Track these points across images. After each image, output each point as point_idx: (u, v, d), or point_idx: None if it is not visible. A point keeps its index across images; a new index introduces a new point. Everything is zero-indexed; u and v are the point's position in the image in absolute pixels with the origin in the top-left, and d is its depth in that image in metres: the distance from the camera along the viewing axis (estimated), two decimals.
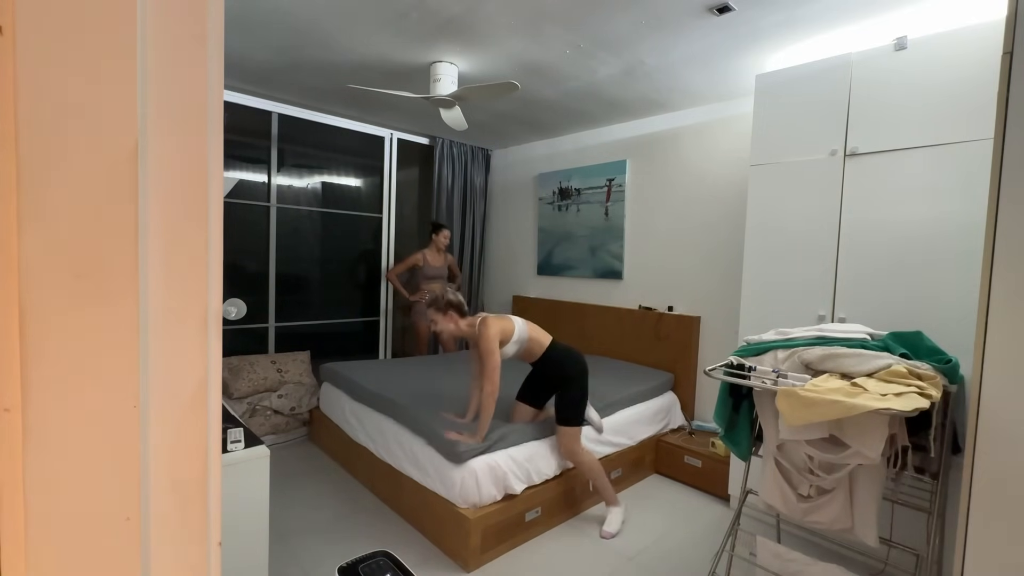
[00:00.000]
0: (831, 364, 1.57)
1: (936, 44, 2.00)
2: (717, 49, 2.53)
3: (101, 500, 0.48)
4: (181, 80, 0.51)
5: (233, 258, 3.78)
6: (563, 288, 4.44)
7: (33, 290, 0.44)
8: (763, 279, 2.49)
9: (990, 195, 1.11)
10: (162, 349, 0.51)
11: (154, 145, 0.49)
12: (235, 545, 1.49)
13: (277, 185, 3.90)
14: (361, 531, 2.41)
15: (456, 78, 2.87)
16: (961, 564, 1.16)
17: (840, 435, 1.47)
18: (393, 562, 1.17)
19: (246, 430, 1.67)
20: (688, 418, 3.41)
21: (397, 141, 4.47)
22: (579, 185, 4.22)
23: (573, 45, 2.55)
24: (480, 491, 2.17)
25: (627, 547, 2.34)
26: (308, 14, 2.35)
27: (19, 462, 0.44)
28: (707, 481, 2.87)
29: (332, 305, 4.48)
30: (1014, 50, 1.07)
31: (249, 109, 3.62)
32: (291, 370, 3.69)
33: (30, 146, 0.44)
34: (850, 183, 2.21)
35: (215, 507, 0.56)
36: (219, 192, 0.54)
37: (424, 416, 2.48)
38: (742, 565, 2.10)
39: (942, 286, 1.98)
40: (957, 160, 1.95)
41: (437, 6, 2.22)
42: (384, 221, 4.48)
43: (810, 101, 2.33)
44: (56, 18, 0.44)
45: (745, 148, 3.06)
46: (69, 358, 0.46)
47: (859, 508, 1.53)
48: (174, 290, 0.52)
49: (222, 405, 0.67)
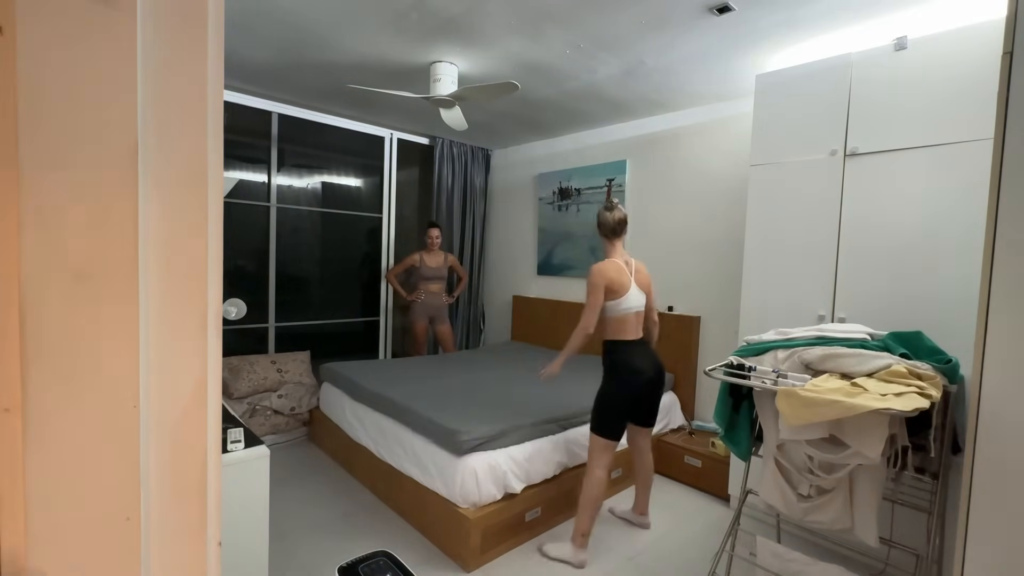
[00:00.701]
0: (831, 364, 1.57)
1: (936, 44, 2.00)
2: (717, 49, 2.53)
3: (101, 500, 0.48)
4: (181, 80, 0.51)
5: (233, 258, 3.78)
6: (563, 288, 4.44)
7: (33, 290, 0.44)
8: (763, 279, 2.49)
9: (990, 195, 1.11)
10: (162, 349, 0.51)
11: (154, 145, 0.49)
12: (235, 545, 1.49)
13: (277, 185, 3.90)
14: (361, 531, 2.41)
15: (456, 78, 2.87)
16: (961, 564, 1.16)
17: (840, 435, 1.47)
18: (393, 562, 1.17)
19: (246, 430, 1.67)
20: (688, 418, 3.41)
21: (397, 141, 4.47)
22: (579, 185, 4.22)
23: (573, 45, 2.55)
24: (480, 490, 2.17)
25: (627, 547, 2.34)
26: (308, 14, 2.35)
27: (19, 462, 0.44)
28: (707, 481, 2.87)
29: (332, 305, 4.48)
30: (1014, 50, 1.07)
31: (249, 109, 3.62)
32: (291, 370, 3.69)
33: (30, 146, 0.44)
34: (850, 183, 2.21)
35: (215, 507, 0.56)
36: (219, 192, 0.55)
37: (424, 414, 2.48)
38: (742, 565, 2.09)
39: (942, 286, 1.98)
40: (957, 160, 1.95)
41: (437, 6, 2.22)
42: (384, 221, 4.48)
43: (810, 101, 2.33)
44: (56, 18, 0.44)
45: (745, 148, 3.06)
46: (69, 358, 0.46)
47: (859, 508, 1.53)
48: (174, 290, 0.52)
49: (222, 405, 0.67)
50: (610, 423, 2.19)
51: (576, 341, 2.19)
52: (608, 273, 2.16)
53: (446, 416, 2.41)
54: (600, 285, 2.15)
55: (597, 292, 2.15)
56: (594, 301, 2.15)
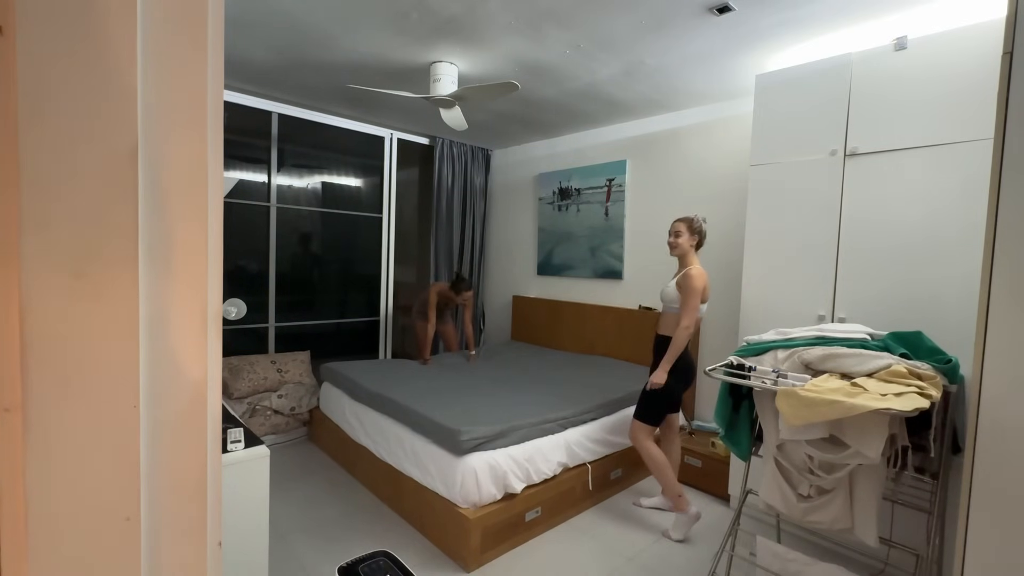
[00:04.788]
0: (831, 364, 1.57)
1: (936, 44, 2.00)
2: (717, 49, 2.53)
3: (101, 500, 0.48)
4: (181, 80, 0.51)
5: (233, 258, 3.78)
6: (563, 288, 4.44)
7: (33, 290, 0.44)
8: (763, 279, 2.49)
9: (990, 195, 1.11)
10: (162, 349, 0.51)
11: (154, 145, 0.49)
12: (235, 545, 1.49)
13: (277, 185, 3.90)
14: (361, 531, 2.41)
15: (456, 78, 2.87)
16: (961, 564, 1.16)
17: (840, 435, 1.47)
18: (393, 562, 1.17)
19: (246, 430, 1.67)
20: (688, 418, 3.40)
21: (397, 141, 4.47)
22: (579, 185, 4.22)
23: (573, 45, 2.55)
24: (480, 490, 2.17)
25: (627, 547, 2.34)
26: (308, 14, 2.35)
27: (19, 462, 0.44)
28: (707, 481, 2.87)
29: (332, 305, 4.48)
30: (1014, 50, 1.07)
31: (249, 109, 3.61)
32: (291, 370, 3.69)
33: (30, 146, 0.44)
34: (850, 183, 2.21)
35: (215, 507, 0.56)
36: (219, 192, 0.55)
37: (424, 413, 2.48)
38: (742, 565, 2.09)
39: (942, 286, 1.98)
40: (957, 160, 1.95)
41: (437, 6, 2.22)
42: (384, 221, 4.48)
43: (810, 101, 2.33)
44: (56, 18, 0.44)
45: (745, 148, 3.06)
46: (69, 358, 0.46)
47: (859, 508, 1.53)
48: (174, 290, 0.52)
49: (222, 405, 0.67)
50: (659, 410, 2.49)
51: (682, 342, 2.38)
52: (706, 278, 2.43)
53: (446, 416, 2.41)
54: (700, 289, 2.38)
55: (698, 295, 2.37)
56: (696, 303, 2.37)
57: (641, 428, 2.49)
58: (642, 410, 2.50)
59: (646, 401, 2.49)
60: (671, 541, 2.39)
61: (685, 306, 2.38)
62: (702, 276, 2.40)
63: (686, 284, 2.38)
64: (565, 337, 4.32)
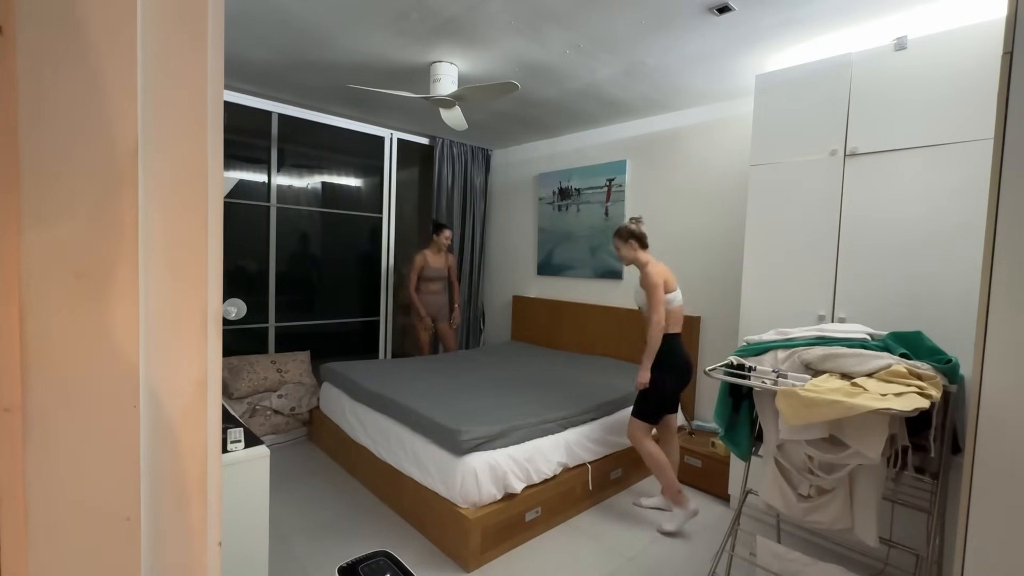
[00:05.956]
0: (831, 364, 1.57)
1: (936, 44, 2.00)
2: (717, 49, 2.53)
3: (101, 500, 0.48)
4: (181, 80, 0.51)
5: (233, 258, 3.78)
6: (563, 288, 4.44)
7: (33, 290, 0.44)
8: (763, 279, 2.49)
9: (990, 195, 1.11)
10: (162, 349, 0.51)
11: (154, 145, 0.49)
12: (235, 545, 1.49)
13: (277, 185, 3.90)
14: (361, 531, 2.41)
15: (456, 78, 2.87)
16: (961, 564, 1.16)
17: (840, 435, 1.47)
18: (393, 562, 1.17)
19: (246, 430, 1.67)
20: (688, 418, 3.40)
21: (397, 141, 4.47)
22: (579, 185, 4.22)
23: (573, 45, 2.55)
24: (480, 490, 2.17)
25: (627, 547, 2.34)
26: (308, 14, 2.35)
27: (19, 462, 0.44)
28: (707, 481, 2.87)
29: (332, 305, 4.48)
30: (1014, 50, 1.07)
31: (249, 109, 3.62)
32: (291, 370, 3.68)
33: (30, 146, 0.44)
34: (850, 183, 2.21)
35: (215, 507, 0.56)
36: (219, 192, 0.54)
37: (424, 413, 2.48)
38: (742, 565, 2.09)
39: (942, 286, 1.98)
40: (957, 160, 1.95)
41: (437, 6, 2.22)
42: (384, 221, 4.48)
43: (810, 101, 2.33)
44: (56, 18, 0.44)
45: (745, 148, 3.06)
46: (69, 358, 0.46)
47: (859, 508, 1.53)
48: (174, 290, 0.52)
49: (222, 405, 0.67)
50: (655, 407, 2.50)
51: (655, 337, 2.42)
52: (663, 270, 2.48)
53: (446, 416, 2.41)
54: (659, 283, 2.42)
55: (659, 288, 2.42)
56: (659, 297, 2.42)
57: (638, 426, 2.51)
58: (637, 408, 2.53)
59: (640, 399, 2.52)
60: (664, 535, 2.41)
61: (650, 302, 2.44)
62: (658, 270, 2.46)
63: (645, 282, 2.46)
64: (565, 337, 4.32)
